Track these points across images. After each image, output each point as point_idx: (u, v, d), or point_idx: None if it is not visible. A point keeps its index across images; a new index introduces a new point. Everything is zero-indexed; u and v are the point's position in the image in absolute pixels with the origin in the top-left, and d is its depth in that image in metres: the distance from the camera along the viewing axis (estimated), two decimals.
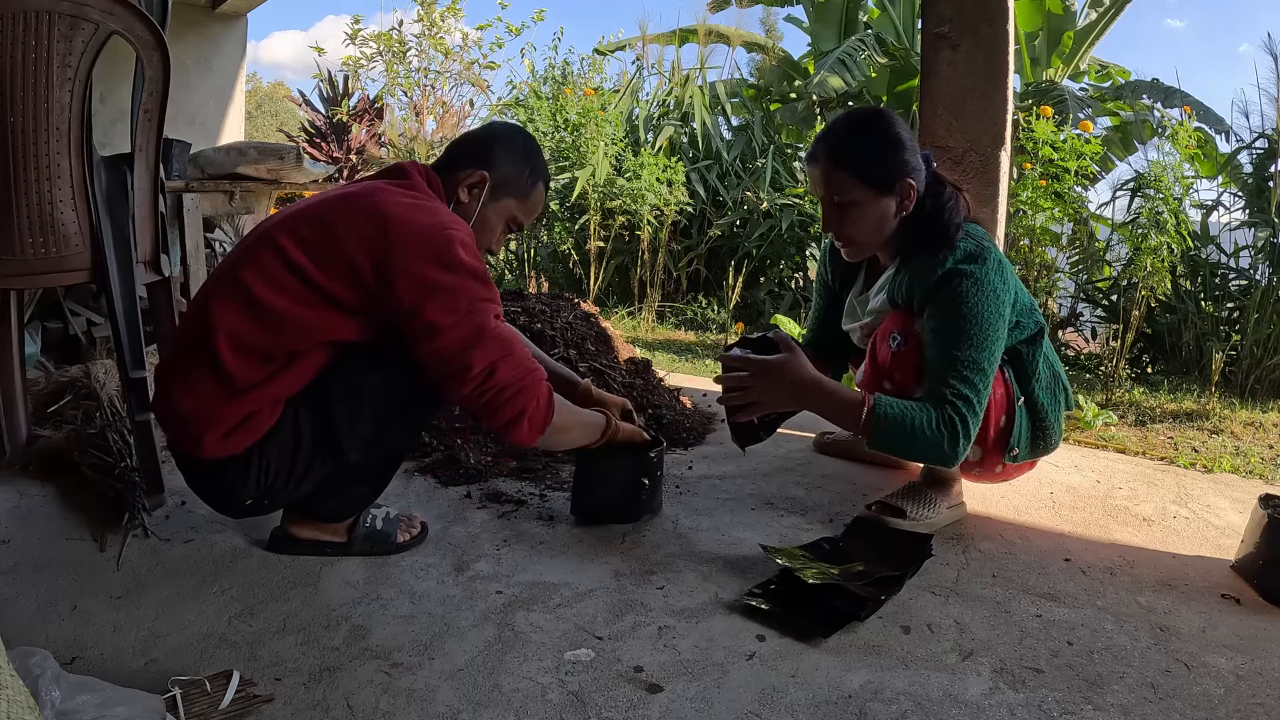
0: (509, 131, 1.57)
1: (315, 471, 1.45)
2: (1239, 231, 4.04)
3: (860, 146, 1.62)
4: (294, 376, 1.38)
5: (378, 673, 1.25)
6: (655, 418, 2.34)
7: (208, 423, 1.36)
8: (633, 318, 4.78)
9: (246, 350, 1.34)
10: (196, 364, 1.36)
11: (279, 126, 13.71)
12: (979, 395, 1.55)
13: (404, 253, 1.31)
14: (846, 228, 1.67)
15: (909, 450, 1.61)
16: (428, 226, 1.33)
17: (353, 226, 1.33)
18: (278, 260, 1.35)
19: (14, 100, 1.58)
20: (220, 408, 1.36)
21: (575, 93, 5.49)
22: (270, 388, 1.37)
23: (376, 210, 1.34)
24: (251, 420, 1.37)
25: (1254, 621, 1.49)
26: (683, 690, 1.23)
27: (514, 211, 1.56)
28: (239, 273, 1.37)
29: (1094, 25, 6.28)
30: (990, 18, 2.43)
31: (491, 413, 1.37)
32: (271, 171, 3.35)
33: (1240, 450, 2.53)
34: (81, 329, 2.85)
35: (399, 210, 1.34)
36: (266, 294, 1.33)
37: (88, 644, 1.29)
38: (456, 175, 1.50)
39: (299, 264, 1.33)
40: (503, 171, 1.52)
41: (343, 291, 1.33)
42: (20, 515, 1.72)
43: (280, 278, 1.34)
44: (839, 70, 5.56)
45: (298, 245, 1.35)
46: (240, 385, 1.35)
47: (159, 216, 2.00)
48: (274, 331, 1.34)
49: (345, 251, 1.32)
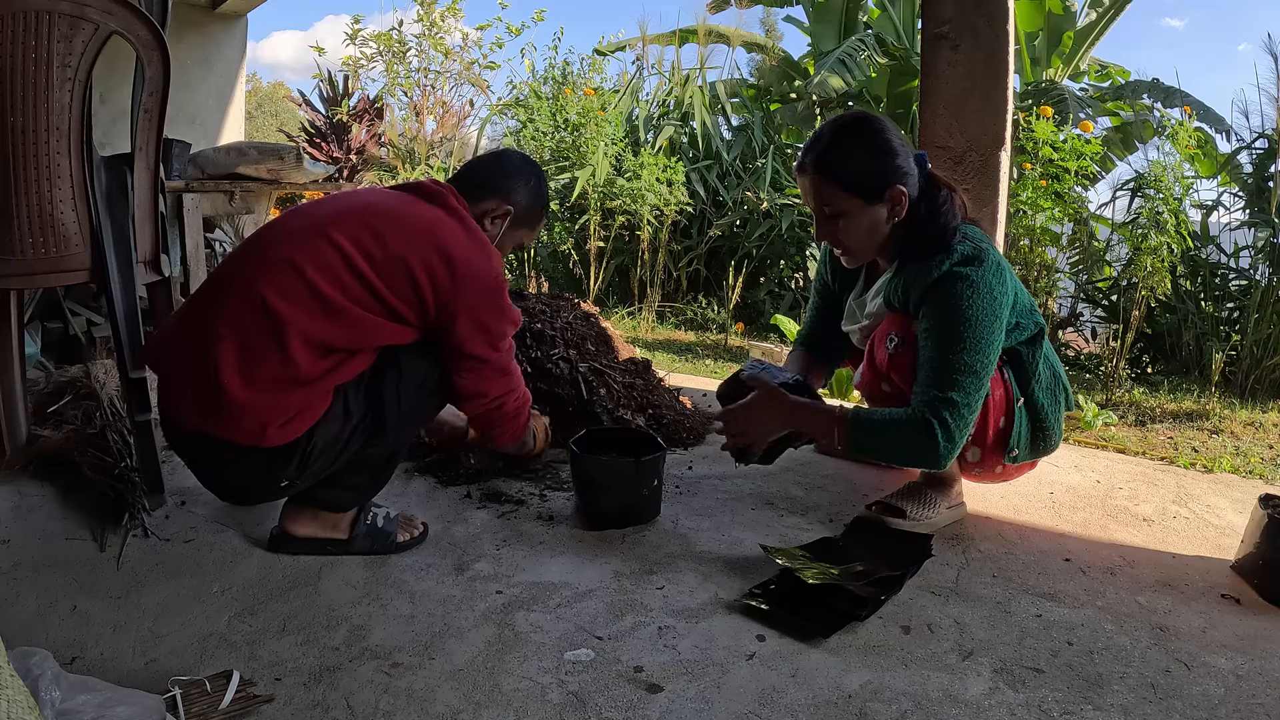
0: (527, 165, 1.72)
1: (348, 452, 1.50)
2: (1239, 231, 4.04)
3: (847, 156, 1.61)
4: (351, 368, 1.46)
5: (378, 673, 1.25)
6: (655, 418, 2.34)
7: (271, 412, 1.37)
8: (633, 318, 4.78)
9: (315, 345, 1.39)
10: (264, 355, 1.37)
11: (279, 126, 13.71)
12: (968, 399, 1.55)
13: (469, 299, 1.47)
14: (839, 236, 1.67)
15: (892, 454, 1.66)
16: (487, 273, 1.50)
17: (419, 256, 1.43)
18: (341, 262, 1.41)
19: (14, 100, 1.58)
20: (283, 397, 1.38)
21: (575, 93, 5.49)
22: (330, 378, 1.43)
23: (443, 248, 1.45)
24: (309, 408, 1.41)
25: (1254, 621, 1.49)
26: (683, 690, 1.23)
27: (523, 238, 1.74)
28: (301, 268, 1.39)
29: (1094, 25, 6.28)
30: (990, 18, 2.43)
31: (487, 427, 1.66)
32: (271, 171, 3.35)
33: (1240, 450, 2.53)
34: (81, 329, 2.85)
35: (465, 252, 1.48)
36: (336, 294, 1.39)
37: (88, 644, 1.30)
38: (482, 204, 1.63)
39: (364, 273, 1.41)
40: (522, 205, 1.67)
41: (404, 310, 1.45)
42: (20, 515, 1.72)
43: (346, 281, 1.41)
44: (839, 70, 5.56)
45: (361, 254, 1.41)
46: (306, 377, 1.39)
47: (159, 216, 2.00)
48: (344, 330, 1.41)
49: (412, 277, 1.43)
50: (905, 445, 1.57)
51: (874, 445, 1.62)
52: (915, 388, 1.59)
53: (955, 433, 1.54)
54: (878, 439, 1.60)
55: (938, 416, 1.53)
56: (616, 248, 5.05)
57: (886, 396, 1.73)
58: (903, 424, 1.56)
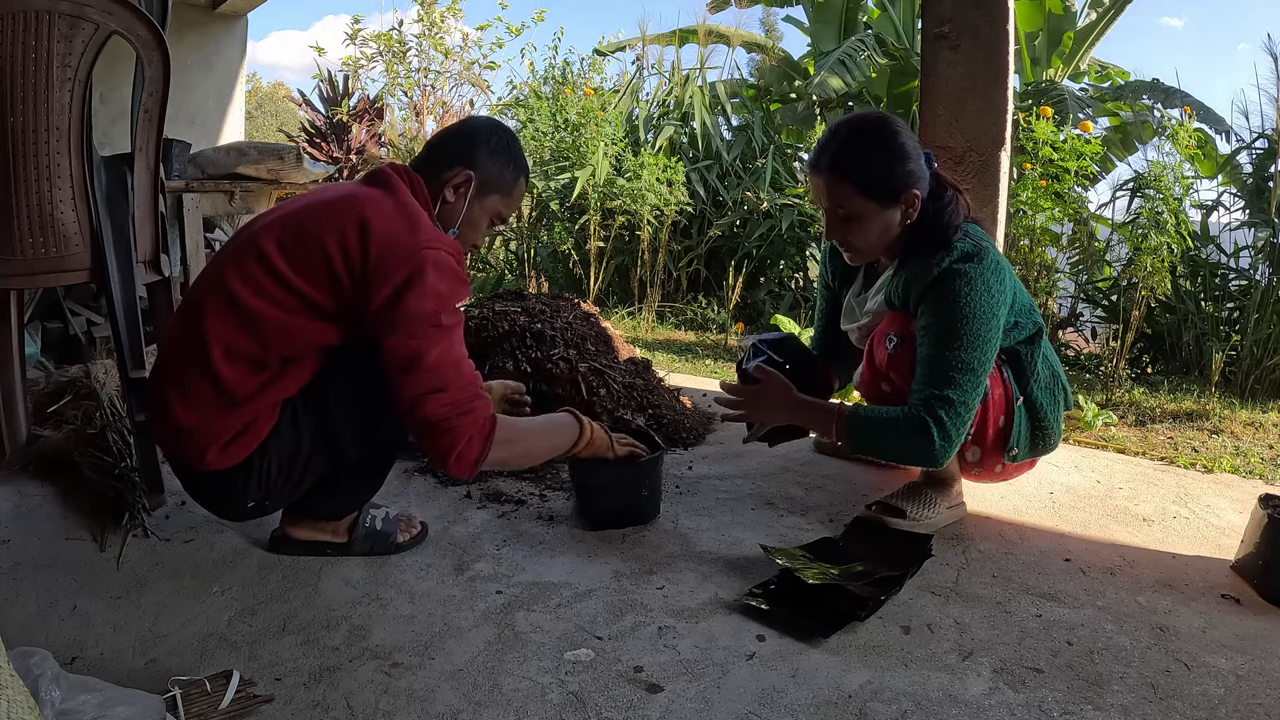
0: (490, 127, 1.55)
1: (314, 469, 1.45)
2: (1239, 231, 4.03)
3: (865, 159, 1.60)
4: (288, 381, 1.38)
5: (378, 673, 1.25)
6: (655, 418, 2.34)
7: (208, 436, 1.34)
8: (633, 318, 4.78)
9: (240, 359, 1.34)
10: (191, 376, 1.35)
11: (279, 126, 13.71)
12: (965, 396, 1.55)
13: (384, 269, 1.32)
14: (850, 237, 1.66)
15: (890, 452, 1.67)
16: (409, 242, 1.34)
17: (334, 232, 1.33)
18: (260, 266, 1.34)
19: (14, 100, 1.58)
20: (219, 419, 1.34)
21: (575, 93, 5.48)
22: (267, 394, 1.37)
23: (361, 219, 1.34)
24: (250, 428, 1.36)
25: (1254, 621, 1.49)
26: (683, 690, 1.23)
27: (499, 208, 1.56)
28: (225, 279, 1.35)
29: (1094, 25, 6.28)
30: (990, 18, 2.43)
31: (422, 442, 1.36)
32: (271, 171, 3.35)
33: (1240, 450, 2.53)
34: (81, 329, 2.85)
35: (383, 220, 1.34)
36: (253, 300, 1.33)
37: (88, 644, 1.30)
38: (441, 176, 1.49)
39: (280, 270, 1.33)
40: (487, 169, 1.51)
41: (320, 298, 1.34)
42: (20, 515, 1.72)
43: (264, 284, 1.33)
44: (839, 70, 5.56)
45: (279, 251, 1.34)
46: (238, 396, 1.34)
47: (159, 216, 2.00)
48: (264, 339, 1.34)
49: (325, 255, 1.33)
50: (903, 443, 1.58)
51: (872, 443, 1.63)
52: (913, 385, 1.60)
53: (952, 431, 1.54)
54: (876, 437, 1.61)
55: (934, 415, 1.53)
56: (616, 248, 5.05)
57: (886, 396, 1.73)
58: (900, 422, 1.57)
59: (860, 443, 1.63)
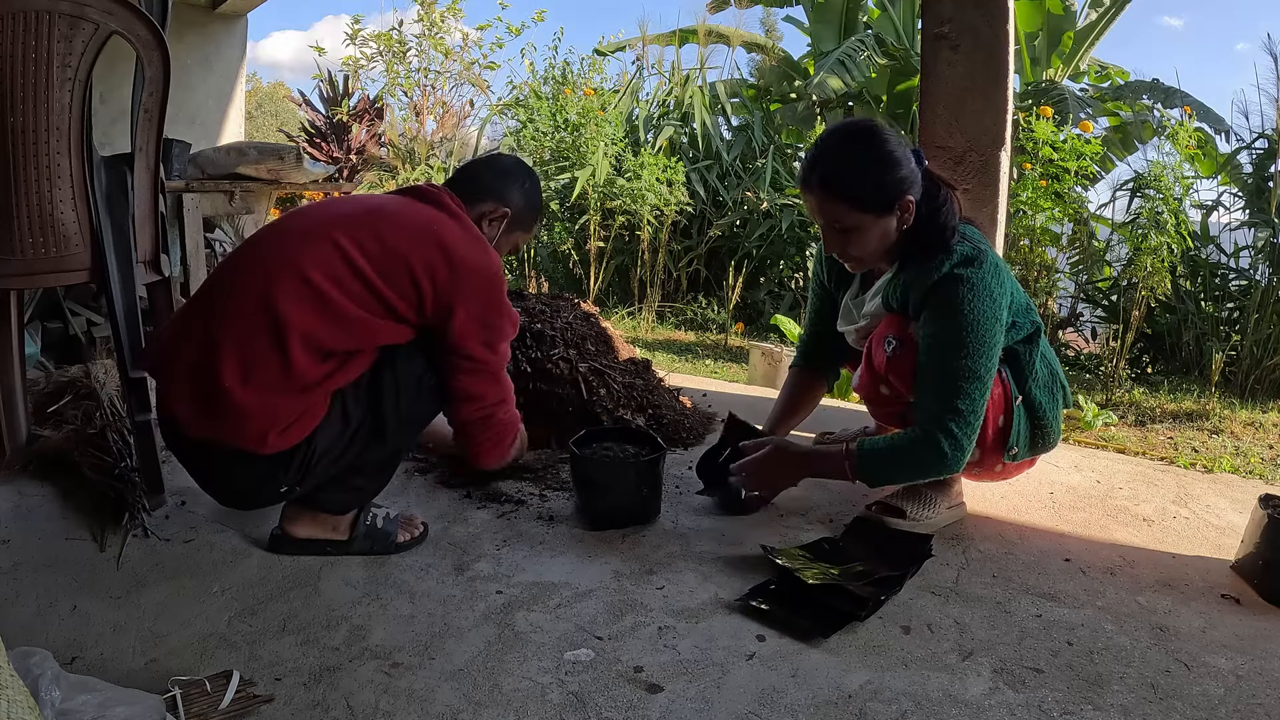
0: (523, 169, 1.73)
1: (348, 457, 1.50)
2: (1239, 231, 4.04)
3: (856, 174, 1.59)
4: (349, 372, 1.45)
5: (378, 673, 1.25)
6: (655, 418, 2.34)
7: (270, 418, 1.37)
8: (633, 318, 4.78)
9: (314, 349, 1.39)
10: (259, 352, 1.37)
11: (279, 126, 13.70)
12: (973, 405, 1.56)
13: (467, 293, 1.46)
14: (849, 249, 1.66)
15: (906, 476, 1.69)
16: (487, 268, 1.50)
17: (419, 253, 1.44)
18: (343, 263, 1.40)
19: (14, 100, 1.58)
20: (284, 402, 1.38)
21: (575, 93, 5.49)
22: (328, 383, 1.43)
23: (443, 245, 1.46)
24: (308, 414, 1.41)
25: (1254, 621, 1.49)
26: (683, 690, 1.23)
27: (518, 241, 1.75)
28: (301, 264, 1.39)
29: (1094, 25, 6.29)
30: (990, 18, 2.43)
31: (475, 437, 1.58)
32: (271, 171, 3.35)
33: (1240, 450, 2.53)
34: (81, 329, 2.85)
35: (463, 248, 1.48)
36: (339, 296, 1.39)
37: (88, 644, 1.30)
38: (480, 206, 1.63)
39: (364, 272, 1.41)
40: (519, 209, 1.68)
41: (403, 308, 1.45)
42: (20, 515, 1.72)
43: (347, 281, 1.40)
44: (839, 71, 5.56)
45: (361, 253, 1.41)
46: (305, 382, 1.39)
47: (159, 216, 2.00)
48: (345, 332, 1.41)
49: (411, 274, 1.43)
50: (917, 464, 1.60)
51: (886, 475, 1.65)
52: (918, 400, 1.60)
53: (964, 440, 1.56)
54: (889, 468, 1.63)
55: (944, 430, 1.55)
56: (616, 248, 5.05)
57: (885, 399, 1.73)
58: (911, 446, 1.59)
59: (874, 477, 1.65)
